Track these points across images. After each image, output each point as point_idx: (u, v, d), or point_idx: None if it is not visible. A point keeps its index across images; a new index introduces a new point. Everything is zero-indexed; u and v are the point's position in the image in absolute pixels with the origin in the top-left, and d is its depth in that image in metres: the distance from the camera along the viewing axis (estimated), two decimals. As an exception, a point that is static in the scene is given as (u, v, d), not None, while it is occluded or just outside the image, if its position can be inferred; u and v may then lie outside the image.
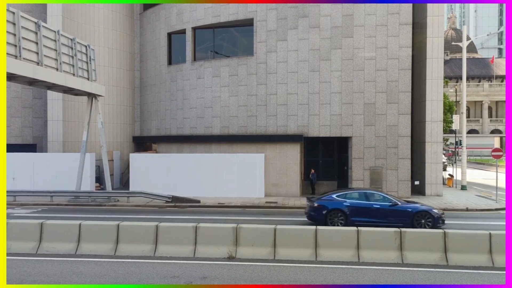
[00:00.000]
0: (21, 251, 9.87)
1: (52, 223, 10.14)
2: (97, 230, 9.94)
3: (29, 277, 8.32)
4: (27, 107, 25.82)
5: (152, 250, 9.67)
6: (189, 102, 25.40)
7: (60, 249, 9.84)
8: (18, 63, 14.85)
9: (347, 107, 22.14)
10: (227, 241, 9.54)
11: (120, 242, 9.81)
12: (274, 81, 22.99)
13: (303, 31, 22.49)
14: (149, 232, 9.80)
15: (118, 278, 8.26)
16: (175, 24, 26.27)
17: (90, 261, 9.36)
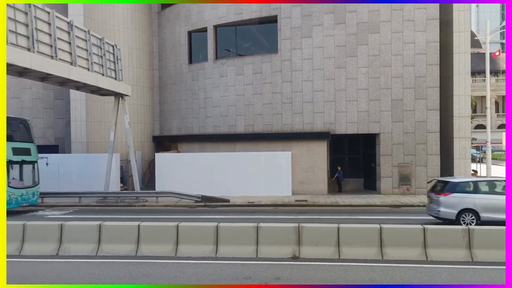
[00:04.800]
0: (80, 253, 9.75)
1: (110, 225, 10.01)
2: (156, 231, 9.82)
3: (99, 279, 8.20)
4: (49, 108, 25.70)
5: (213, 251, 9.54)
6: (212, 101, 25.25)
7: (120, 251, 9.72)
8: (54, 64, 14.72)
9: (374, 104, 21.96)
10: (289, 241, 9.41)
11: (180, 243, 9.68)
12: (299, 79, 22.81)
13: (328, 27, 22.30)
14: (209, 232, 9.66)
15: (190, 279, 8.13)
16: (196, 22, 26.09)
17: (154, 262, 9.23)
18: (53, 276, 8.46)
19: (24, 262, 9.50)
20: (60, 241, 9.96)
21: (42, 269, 8.96)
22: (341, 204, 19.41)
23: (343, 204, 19.47)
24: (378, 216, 16.14)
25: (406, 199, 20.25)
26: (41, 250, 9.88)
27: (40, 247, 9.89)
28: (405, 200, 19.94)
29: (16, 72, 14.69)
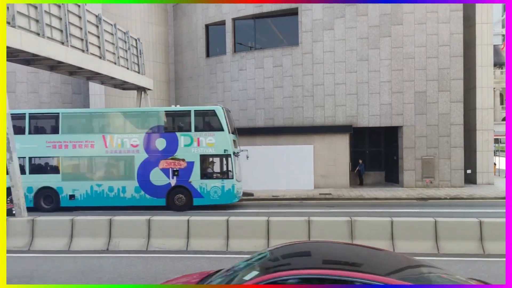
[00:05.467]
0: (131, 248, 9.70)
1: (158, 219, 9.96)
2: (206, 226, 9.77)
3: (150, 273, 8.14)
4: (67, 103, 25.55)
5: (265, 245, 9.47)
6: (231, 95, 25.10)
7: (171, 246, 9.68)
8: (86, 58, 14.59)
9: (397, 96, 21.83)
10: (343, 235, 9.35)
11: (230, 237, 9.63)
12: (321, 71, 22.66)
13: (350, 19, 22.10)
14: (260, 226, 9.61)
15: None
16: (214, 16, 25.86)
17: (207, 257, 9.19)
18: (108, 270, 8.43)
19: (74, 257, 9.47)
20: (109, 236, 9.92)
21: (95, 263, 8.92)
22: (366, 198, 19.36)
23: (368, 197, 19.42)
24: (407, 209, 16.07)
25: (431, 192, 20.19)
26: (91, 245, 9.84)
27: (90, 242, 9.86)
28: (430, 193, 19.89)
29: (48, 66, 14.58)
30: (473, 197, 18.69)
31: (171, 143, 16.31)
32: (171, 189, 16.40)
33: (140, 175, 16.37)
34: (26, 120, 16.51)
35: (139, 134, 16.36)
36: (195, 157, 16.25)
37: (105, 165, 16.60)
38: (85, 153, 16.45)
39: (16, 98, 24.30)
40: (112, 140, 16.34)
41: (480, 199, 18.48)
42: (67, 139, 16.37)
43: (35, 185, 16.21)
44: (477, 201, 18.01)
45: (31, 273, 8.38)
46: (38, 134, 16.78)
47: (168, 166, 16.34)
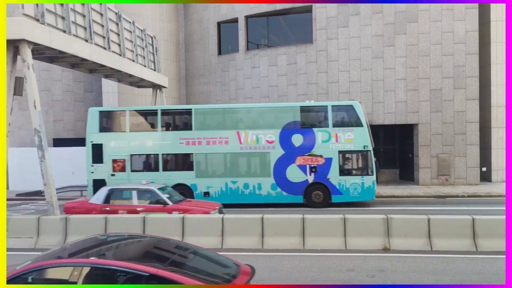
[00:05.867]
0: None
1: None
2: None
3: None
4: (79, 101, 25.51)
5: (300, 243, 9.49)
6: (243, 92, 25.05)
7: (205, 244, 9.64)
8: (108, 55, 14.53)
9: (412, 94, 21.78)
10: (379, 232, 9.35)
11: (265, 235, 9.62)
12: (335, 69, 22.60)
13: (365, 17, 22.03)
14: (295, 224, 9.59)
15: (274, 271, 8.08)
16: (226, 13, 25.79)
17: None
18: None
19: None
20: (142, 234, 9.90)
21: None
22: (383, 195, 19.32)
23: (385, 195, 19.39)
24: (427, 207, 16.03)
25: (447, 189, 20.16)
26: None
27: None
28: (447, 190, 19.85)
29: (70, 64, 14.51)
30: (490, 195, 18.67)
31: (308, 139, 15.92)
32: (309, 186, 15.97)
33: (276, 171, 16.02)
34: (158, 117, 16.27)
35: (275, 130, 16.00)
36: (333, 153, 15.77)
37: (240, 161, 16.19)
38: (219, 149, 16.10)
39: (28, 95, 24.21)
40: (246, 136, 16.02)
41: (498, 196, 18.44)
42: (200, 136, 16.06)
43: (169, 182, 15.85)
44: (495, 199, 17.99)
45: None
46: (171, 130, 16.59)
47: (305, 163, 15.96)
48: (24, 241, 9.98)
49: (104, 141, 16.29)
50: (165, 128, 16.61)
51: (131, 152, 16.22)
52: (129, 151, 16.20)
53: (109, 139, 16.33)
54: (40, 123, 11.02)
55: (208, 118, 16.67)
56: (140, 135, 16.43)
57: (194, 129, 16.18)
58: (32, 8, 10.43)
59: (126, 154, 16.21)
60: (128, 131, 16.36)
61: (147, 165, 16.61)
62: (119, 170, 16.20)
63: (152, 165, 16.47)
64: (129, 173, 16.17)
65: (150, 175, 16.08)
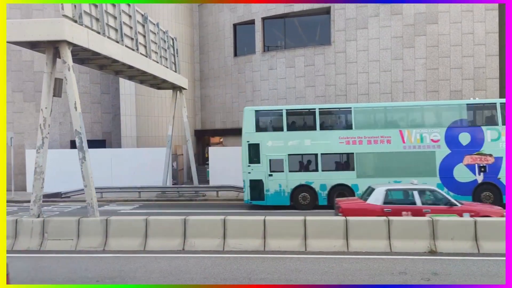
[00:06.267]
0: (207, 248, 9.63)
1: (233, 219, 9.87)
2: (283, 226, 9.69)
3: (226, 274, 8.08)
4: (96, 103, 25.47)
5: (344, 245, 9.42)
6: (260, 94, 25.02)
7: (247, 246, 9.59)
8: (136, 56, 14.50)
9: (432, 95, 21.73)
10: (424, 235, 9.28)
11: (308, 237, 9.55)
12: (354, 71, 22.57)
13: (384, 18, 22.01)
14: (338, 227, 9.53)
15: (317, 274, 8.02)
16: (242, 15, 25.78)
17: (283, 257, 9.12)
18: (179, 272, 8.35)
19: (146, 257, 9.38)
20: (184, 236, 9.83)
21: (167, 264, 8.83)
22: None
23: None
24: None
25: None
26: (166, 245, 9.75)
27: (165, 243, 9.76)
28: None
29: (98, 66, 14.48)
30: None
31: (476, 137, 15.39)
32: (478, 186, 15.41)
33: (443, 171, 15.44)
34: (316, 115, 16.02)
35: (440, 128, 15.47)
36: (503, 152, 14.72)
37: (403, 161, 15.58)
38: (381, 149, 15.64)
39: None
40: (410, 135, 15.53)
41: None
42: (361, 135, 15.66)
43: (329, 182, 15.78)
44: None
45: (119, 273, 8.30)
46: (330, 130, 16.29)
47: (473, 162, 15.39)
48: (64, 243, 9.92)
49: (261, 141, 16.14)
50: (323, 127, 16.26)
51: (289, 152, 16.03)
52: (286, 151, 16.03)
53: (266, 138, 16.18)
54: (81, 125, 10.98)
55: (368, 116, 16.23)
56: (297, 134, 16.16)
57: (354, 128, 15.81)
58: (70, 9, 10.39)
59: (283, 154, 16.05)
60: (286, 131, 16.14)
61: (305, 165, 16.28)
62: (277, 170, 16.07)
63: (310, 165, 16.15)
64: (287, 173, 16.02)
65: (308, 175, 16.03)
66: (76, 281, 7.97)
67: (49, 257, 9.49)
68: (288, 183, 16.08)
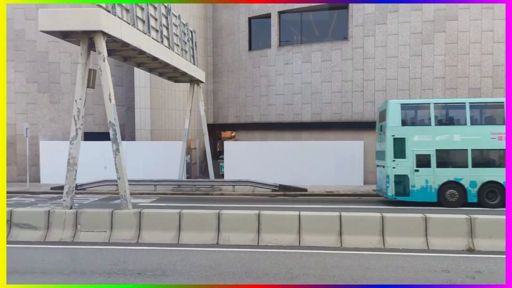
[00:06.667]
0: (241, 243, 9.57)
1: (268, 214, 9.80)
2: (317, 221, 9.62)
3: (259, 268, 8.02)
4: (110, 95, 25.33)
5: (380, 242, 9.36)
6: (275, 89, 24.88)
7: (282, 241, 9.53)
8: (161, 48, 14.37)
9: (450, 92, 21.60)
10: (462, 232, 9.21)
11: (343, 233, 9.49)
12: (371, 66, 22.41)
13: (404, 14, 21.82)
14: (374, 223, 9.45)
15: (354, 270, 7.97)
16: (258, 9, 25.58)
17: (318, 252, 9.06)
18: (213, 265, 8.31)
19: (182, 250, 9.32)
20: (218, 230, 9.76)
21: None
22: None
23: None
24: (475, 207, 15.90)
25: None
26: (200, 239, 9.69)
27: (198, 236, 9.71)
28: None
29: (122, 57, 14.36)
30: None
31: None
32: None
33: None
34: (466, 110, 15.53)
35: None
36: None
37: None
38: None
39: (60, 89, 24.12)
40: None
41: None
42: None
43: (479, 179, 15.33)
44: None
45: (159, 266, 8.24)
46: (481, 125, 15.75)
47: None
48: (97, 234, 9.86)
49: (407, 135, 15.83)
50: (474, 122, 15.82)
51: (437, 147, 15.62)
52: (434, 146, 15.62)
53: (412, 133, 15.83)
54: (114, 116, 10.88)
55: None
56: (446, 129, 15.77)
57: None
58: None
59: (431, 149, 15.63)
60: (434, 125, 15.79)
61: (454, 160, 15.92)
62: (423, 165, 15.70)
63: (459, 161, 15.77)
64: (434, 168, 15.64)
65: (457, 171, 15.61)
66: (118, 273, 7.91)
67: (83, 248, 9.43)
68: (435, 179, 15.64)
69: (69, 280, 7.56)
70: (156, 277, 7.75)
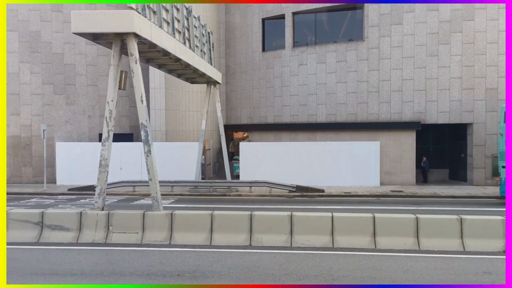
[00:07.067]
0: (274, 244, 9.55)
1: (300, 215, 9.77)
2: (351, 222, 9.59)
3: (293, 270, 8.01)
4: (124, 96, 25.35)
5: (415, 243, 9.32)
6: (289, 89, 24.85)
7: (315, 242, 9.49)
8: (185, 49, 14.37)
9: (467, 93, 21.51)
10: (498, 234, 9.16)
11: (377, 235, 9.45)
12: (387, 67, 22.35)
13: (420, 14, 21.75)
14: (408, 224, 9.41)
15: (390, 271, 7.94)
16: (272, 10, 25.57)
17: (352, 254, 9.04)
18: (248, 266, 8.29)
19: (216, 252, 9.31)
20: (250, 231, 9.75)
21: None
22: (441, 195, 19.09)
23: (443, 195, 19.15)
24: (498, 208, 15.81)
25: (505, 190, 19.90)
26: (232, 241, 9.68)
27: (231, 238, 9.69)
28: (506, 191, 19.58)
29: (145, 59, 14.38)
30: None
31: None
32: None
33: None
34: None
35: None
36: None
37: None
38: None
39: (75, 90, 24.19)
40: None
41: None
42: None
43: None
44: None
45: (197, 268, 8.23)
46: None
47: None
48: (129, 236, 9.86)
49: None
50: None
51: None
52: None
53: None
54: (146, 118, 10.88)
55: None
56: None
57: None
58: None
59: None
60: None
61: None
62: None
63: None
64: None
65: None
66: (157, 274, 7.91)
67: (117, 250, 9.43)
68: None
69: (111, 281, 7.56)
70: (196, 278, 7.74)
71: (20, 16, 23.30)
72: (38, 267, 8.36)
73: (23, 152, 23.61)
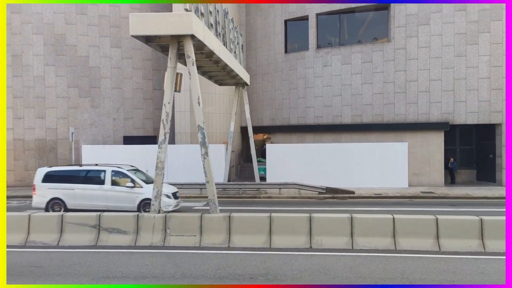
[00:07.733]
0: (335, 246, 9.48)
1: (360, 217, 9.68)
2: (413, 224, 9.51)
3: (355, 273, 7.92)
4: (148, 99, 25.40)
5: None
6: (313, 91, 24.78)
7: (377, 245, 9.41)
8: (226, 52, 14.34)
9: (496, 93, 21.39)
10: None
11: (440, 237, 9.36)
12: (414, 68, 22.26)
13: (447, 14, 21.66)
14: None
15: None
16: (295, 11, 25.53)
17: (413, 257, 8.95)
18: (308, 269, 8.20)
19: (278, 255, 9.23)
20: (310, 233, 9.67)
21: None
22: (474, 196, 18.95)
23: (475, 196, 19.01)
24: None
25: (537, 191, 19.73)
26: (292, 243, 9.60)
27: (290, 240, 9.62)
28: (538, 192, 19.42)
29: (183, 60, 14.31)
30: None
31: None
32: None
33: None
34: None
35: None
36: None
37: None
38: None
39: (100, 93, 24.19)
40: None
41: None
42: None
43: None
44: None
45: (265, 271, 8.16)
46: None
47: None
48: (187, 239, 9.80)
49: None
50: None
51: None
52: None
53: None
54: (203, 120, 10.83)
55: None
56: None
57: None
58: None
59: None
60: None
61: None
62: None
63: None
64: None
65: None
66: (229, 277, 7.83)
67: (179, 253, 9.36)
68: None
69: (184, 283, 7.50)
70: (269, 281, 7.67)
71: (45, 19, 23.34)
72: (106, 270, 8.30)
73: (49, 155, 23.61)
